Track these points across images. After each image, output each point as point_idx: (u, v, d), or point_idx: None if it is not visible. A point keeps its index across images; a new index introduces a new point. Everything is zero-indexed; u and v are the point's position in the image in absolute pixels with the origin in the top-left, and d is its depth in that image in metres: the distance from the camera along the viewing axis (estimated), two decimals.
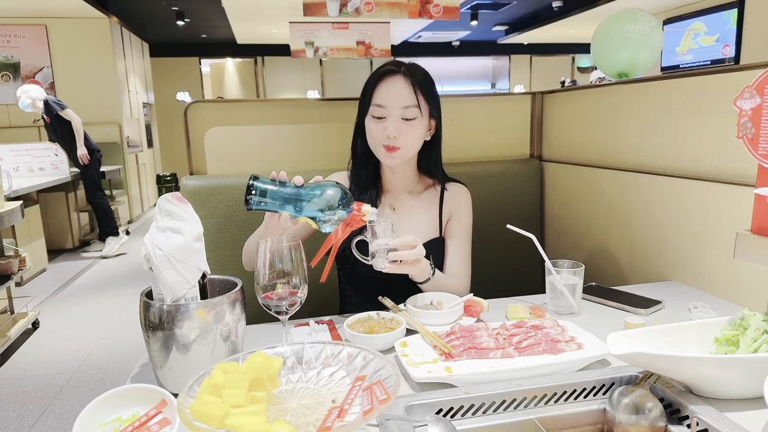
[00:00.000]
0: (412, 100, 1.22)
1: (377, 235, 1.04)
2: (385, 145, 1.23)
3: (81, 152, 4.91)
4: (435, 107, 1.28)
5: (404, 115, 1.22)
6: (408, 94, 1.22)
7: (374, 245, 1.05)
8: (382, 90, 1.23)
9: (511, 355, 0.89)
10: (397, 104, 1.22)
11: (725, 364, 0.75)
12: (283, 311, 0.87)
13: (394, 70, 1.24)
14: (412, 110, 1.22)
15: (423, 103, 1.24)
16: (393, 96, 1.22)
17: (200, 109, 1.66)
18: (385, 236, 1.04)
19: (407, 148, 1.25)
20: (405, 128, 1.22)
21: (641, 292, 1.25)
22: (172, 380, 0.84)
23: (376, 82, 1.25)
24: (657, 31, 1.50)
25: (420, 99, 1.23)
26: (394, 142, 1.22)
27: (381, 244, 1.04)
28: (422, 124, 1.26)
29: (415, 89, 1.22)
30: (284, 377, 0.69)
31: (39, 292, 4.07)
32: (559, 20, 8.08)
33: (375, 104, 1.24)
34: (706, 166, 1.27)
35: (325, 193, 0.99)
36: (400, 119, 1.22)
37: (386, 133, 1.21)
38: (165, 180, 0.98)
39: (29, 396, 2.58)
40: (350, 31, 5.82)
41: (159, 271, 0.81)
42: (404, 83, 1.23)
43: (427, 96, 1.25)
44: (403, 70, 1.24)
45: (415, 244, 1.06)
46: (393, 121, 1.22)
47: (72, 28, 6.46)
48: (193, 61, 10.16)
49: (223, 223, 1.59)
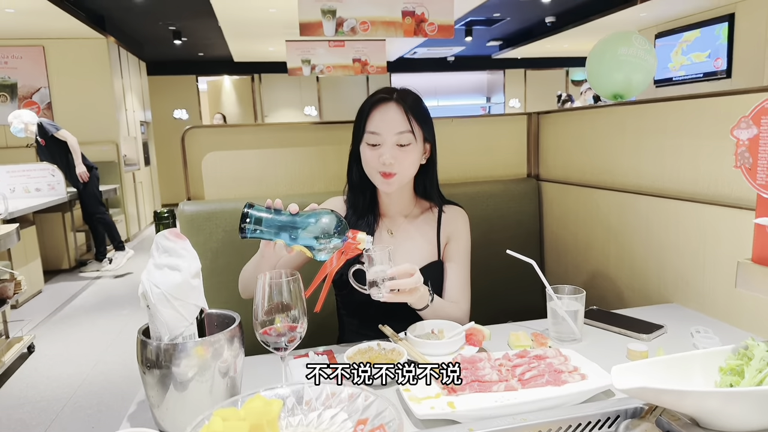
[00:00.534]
0: (405, 125, 1.23)
1: (374, 263, 1.03)
2: (381, 172, 1.24)
3: (80, 170, 4.93)
4: (428, 131, 1.29)
5: (399, 141, 1.23)
6: (401, 120, 1.23)
7: (371, 274, 1.04)
8: (376, 118, 1.24)
9: (514, 388, 0.88)
10: (391, 131, 1.22)
11: (730, 398, 0.74)
12: (282, 347, 0.86)
13: (386, 97, 1.25)
14: (406, 136, 1.23)
15: (416, 128, 1.24)
16: (387, 123, 1.23)
17: (198, 134, 1.66)
18: (382, 264, 1.03)
19: (403, 174, 1.25)
20: (400, 154, 1.23)
21: (642, 315, 1.24)
22: (170, 420, 0.83)
23: (369, 110, 1.26)
24: (651, 53, 1.52)
25: (413, 124, 1.23)
26: (390, 168, 1.22)
27: (378, 272, 1.03)
28: (417, 149, 1.26)
29: (407, 115, 1.23)
30: (284, 420, 0.67)
31: (34, 315, 4.03)
32: (552, 35, 8.17)
33: (369, 132, 1.24)
34: (703, 188, 1.27)
35: (320, 221, 0.99)
36: (395, 146, 1.23)
37: (382, 160, 1.22)
38: (162, 217, 0.97)
39: (24, 424, 2.54)
40: (346, 49, 5.85)
41: (156, 309, 0.80)
42: (397, 110, 1.24)
43: (420, 121, 1.26)
44: (396, 97, 1.25)
45: (413, 272, 1.06)
46: (388, 148, 1.22)
47: (69, 49, 6.50)
48: (190, 79, 10.22)
49: (220, 248, 1.58)
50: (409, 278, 1.04)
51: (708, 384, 0.84)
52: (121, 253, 5.33)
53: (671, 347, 1.07)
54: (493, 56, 10.84)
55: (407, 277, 1.04)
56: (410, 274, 1.05)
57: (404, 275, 1.04)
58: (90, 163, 5.11)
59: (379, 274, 1.03)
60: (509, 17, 7.75)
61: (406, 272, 1.05)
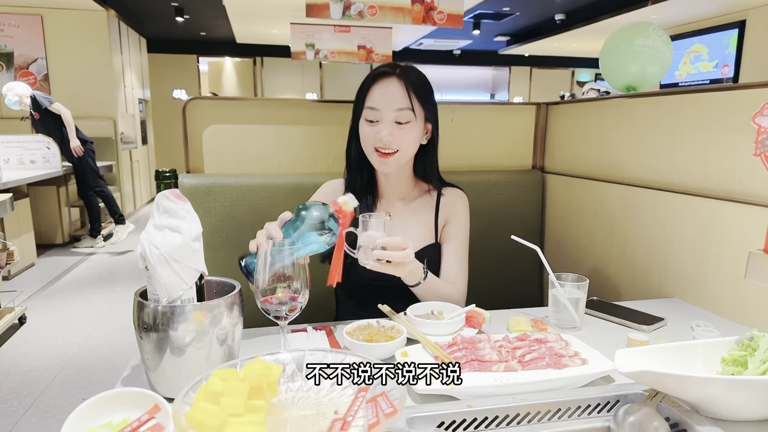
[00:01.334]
0: (405, 102, 1.19)
1: (368, 228, 1.02)
2: (378, 150, 1.21)
3: (74, 144, 4.88)
4: (430, 111, 1.26)
5: (398, 118, 1.19)
6: (401, 96, 1.19)
7: (362, 239, 1.02)
8: (376, 92, 1.21)
9: (514, 369, 0.87)
10: (390, 107, 1.19)
11: (733, 386, 0.73)
12: (283, 316, 0.85)
13: (388, 72, 1.22)
14: (405, 113, 1.19)
15: (417, 106, 1.21)
16: (386, 98, 1.19)
17: (199, 106, 1.63)
18: (376, 232, 1.02)
19: (402, 154, 1.22)
20: (399, 132, 1.20)
21: (643, 308, 1.23)
22: (165, 384, 0.81)
23: (370, 85, 1.22)
24: (668, 45, 1.49)
25: (414, 102, 1.20)
26: (387, 146, 1.20)
27: (368, 239, 1.02)
28: (417, 128, 1.23)
29: (408, 92, 1.19)
30: (284, 385, 0.66)
31: (27, 287, 4.00)
32: (561, 33, 8.13)
33: (368, 107, 1.21)
34: (712, 183, 1.26)
35: (309, 217, 0.97)
36: (394, 123, 1.20)
37: (379, 137, 1.19)
38: (164, 176, 0.93)
39: (14, 392, 2.52)
40: (352, 35, 5.80)
41: (155, 270, 0.78)
42: (398, 85, 1.20)
43: (422, 99, 1.22)
44: (398, 72, 1.21)
45: (405, 246, 1.03)
46: (386, 125, 1.19)
47: (68, 20, 6.40)
48: (191, 59, 10.12)
49: (219, 223, 1.56)
50: (400, 251, 1.02)
51: (710, 373, 0.84)
52: (121, 226, 5.30)
53: (671, 340, 1.07)
54: (499, 52, 10.79)
55: (398, 250, 1.02)
56: (402, 247, 1.03)
57: (395, 247, 1.02)
58: (84, 137, 5.06)
59: (369, 241, 1.02)
60: (519, 12, 7.70)
61: (397, 245, 1.02)
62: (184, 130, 1.64)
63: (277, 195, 1.59)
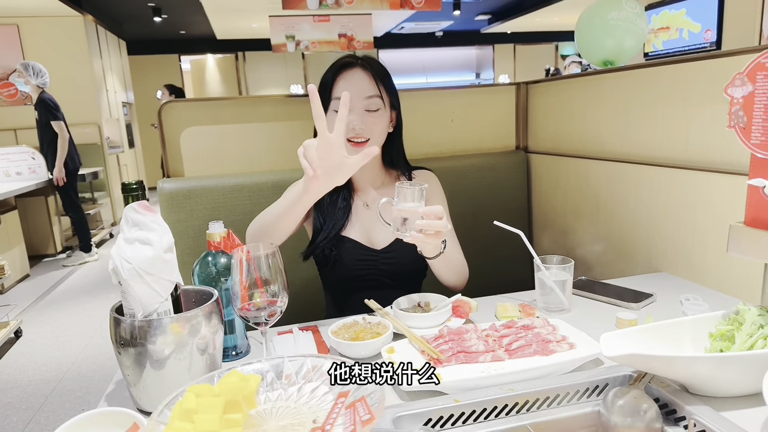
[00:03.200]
0: (374, 90, 1.19)
1: (406, 198, 0.97)
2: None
3: (57, 173, 4.61)
4: (395, 98, 1.26)
5: (368, 106, 1.18)
6: (369, 84, 1.19)
7: (400, 209, 0.97)
8: (342, 83, 1.19)
9: (501, 358, 0.86)
10: (359, 95, 1.18)
11: (721, 363, 0.73)
12: (263, 322, 0.83)
13: (351, 62, 1.21)
14: (375, 101, 1.19)
15: (384, 94, 1.21)
16: (354, 88, 1.18)
17: (175, 109, 1.60)
18: (413, 201, 0.97)
19: (373, 141, 1.20)
20: (370, 119, 1.19)
21: (632, 284, 1.22)
22: (147, 398, 0.80)
23: (334, 77, 1.20)
24: (642, 17, 1.47)
25: (381, 89, 1.20)
26: (360, 134, 1.18)
27: (409, 208, 0.97)
28: (385, 115, 1.22)
29: (375, 80, 1.19)
30: (263, 395, 0.65)
31: (21, 300, 3.98)
32: (542, 8, 8.06)
33: (336, 98, 1.18)
34: (694, 155, 1.25)
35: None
36: (364, 111, 1.18)
37: (351, 126, 1.17)
38: (131, 188, 0.91)
39: (13, 407, 2.51)
40: (332, 24, 5.73)
41: (128, 285, 0.77)
42: (364, 74, 1.19)
43: (387, 87, 1.22)
44: (361, 62, 1.21)
45: (442, 215, 0.98)
46: (357, 114, 1.18)
47: (45, 28, 6.29)
48: (172, 58, 9.99)
49: (201, 226, 1.54)
50: (438, 221, 0.97)
51: (698, 350, 0.83)
52: (85, 255, 5.04)
53: (661, 315, 1.06)
54: (482, 31, 10.71)
55: (436, 219, 0.97)
56: (439, 216, 0.98)
57: (434, 217, 0.97)
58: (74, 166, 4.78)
59: (409, 213, 0.97)
60: None
61: (436, 214, 0.97)
62: (161, 134, 1.61)
63: (259, 193, 1.57)
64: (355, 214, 1.29)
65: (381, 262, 1.27)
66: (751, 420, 0.70)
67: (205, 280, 0.95)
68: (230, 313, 0.95)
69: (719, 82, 1.14)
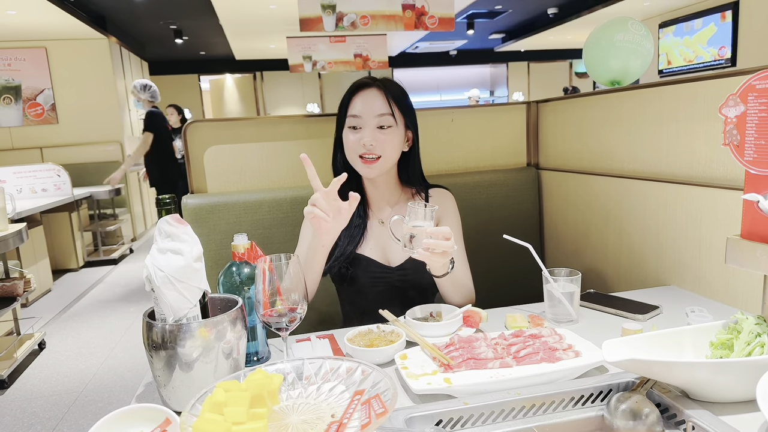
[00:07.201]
0: (386, 108, 1.26)
1: (417, 217, 1.05)
2: (362, 157, 1.26)
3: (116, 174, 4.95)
4: (410, 119, 1.32)
5: (379, 123, 1.25)
6: (382, 103, 1.26)
7: (409, 227, 1.05)
8: (357, 102, 1.28)
9: (509, 365, 0.90)
10: (371, 113, 1.25)
11: (718, 369, 0.76)
12: (283, 327, 0.89)
13: (368, 83, 1.29)
14: (387, 118, 1.26)
15: (397, 113, 1.27)
16: (368, 106, 1.26)
17: (199, 129, 1.69)
18: (424, 220, 1.05)
19: (385, 159, 1.27)
20: (381, 137, 1.25)
21: (639, 297, 1.26)
22: (176, 398, 0.86)
23: (350, 96, 1.29)
24: (647, 38, 1.52)
25: (393, 108, 1.27)
26: (371, 151, 1.25)
27: (417, 228, 1.05)
28: (398, 133, 1.28)
29: (388, 99, 1.26)
30: (285, 393, 0.70)
31: (44, 313, 4.09)
32: (555, 26, 8.14)
33: (351, 115, 1.28)
34: (699, 171, 1.29)
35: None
36: (376, 128, 1.25)
37: (362, 142, 1.24)
38: (164, 203, 0.99)
39: (37, 417, 2.59)
40: (347, 45, 5.88)
41: (161, 291, 0.83)
42: (378, 94, 1.27)
43: (401, 107, 1.29)
44: (377, 84, 1.29)
45: (449, 236, 1.05)
46: (369, 131, 1.25)
47: (71, 50, 6.54)
48: (192, 78, 10.27)
49: (223, 240, 1.61)
50: (445, 241, 1.04)
51: (699, 358, 0.86)
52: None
53: (666, 327, 1.08)
54: (495, 49, 10.82)
55: (443, 240, 1.04)
56: (447, 237, 1.05)
57: (441, 237, 1.04)
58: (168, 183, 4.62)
59: (417, 231, 1.04)
60: (511, 9, 7.73)
61: (443, 234, 1.04)
62: (186, 152, 1.70)
63: (278, 208, 1.63)
64: (370, 231, 1.35)
65: (396, 278, 1.32)
66: (748, 423, 0.73)
67: (230, 288, 1.01)
68: (253, 320, 1.01)
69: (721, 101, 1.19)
